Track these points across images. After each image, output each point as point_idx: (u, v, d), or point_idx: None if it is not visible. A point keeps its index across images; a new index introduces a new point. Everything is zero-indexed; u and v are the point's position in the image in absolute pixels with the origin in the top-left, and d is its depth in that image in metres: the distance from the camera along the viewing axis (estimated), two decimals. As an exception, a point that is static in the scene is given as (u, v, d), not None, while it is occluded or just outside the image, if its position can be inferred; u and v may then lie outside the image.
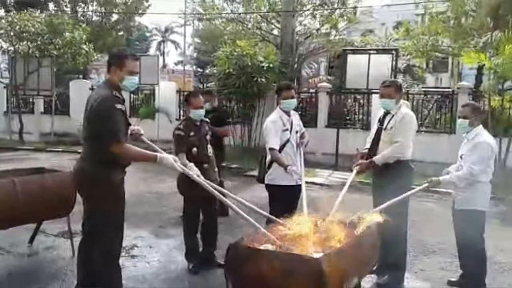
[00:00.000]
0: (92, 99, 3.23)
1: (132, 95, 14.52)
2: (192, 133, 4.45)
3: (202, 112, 4.56)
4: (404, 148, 4.04)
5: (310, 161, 10.04)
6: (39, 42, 13.28)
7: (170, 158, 3.31)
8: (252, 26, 15.70)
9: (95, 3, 19.62)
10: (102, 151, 3.15)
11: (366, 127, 11.27)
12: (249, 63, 11.46)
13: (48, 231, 5.29)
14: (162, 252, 5.07)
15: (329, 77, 21.48)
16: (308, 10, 14.15)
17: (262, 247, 2.83)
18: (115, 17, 19.70)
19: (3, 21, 13.37)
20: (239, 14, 14.81)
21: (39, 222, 4.89)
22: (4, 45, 14.54)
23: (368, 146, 4.33)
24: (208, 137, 4.62)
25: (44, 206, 4.52)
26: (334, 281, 2.65)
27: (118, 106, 3.20)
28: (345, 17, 15.29)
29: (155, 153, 3.31)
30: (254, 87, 11.42)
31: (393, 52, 11.25)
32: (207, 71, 35.12)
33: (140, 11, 19.25)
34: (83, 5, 19.71)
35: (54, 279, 4.21)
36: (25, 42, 13.39)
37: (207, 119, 4.78)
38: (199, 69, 37.63)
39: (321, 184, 9.28)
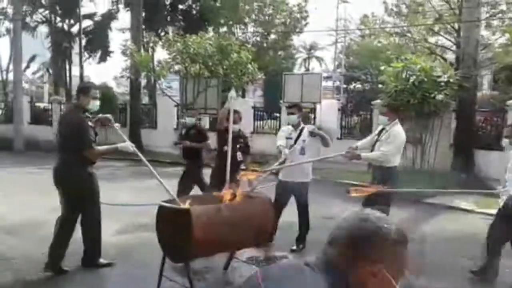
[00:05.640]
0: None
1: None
2: None
3: None
4: (384, 157, 4.97)
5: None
6: (209, 63, 13.96)
7: (128, 145, 4.41)
8: (418, 39, 14.58)
9: (253, 24, 20.30)
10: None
11: None
12: (425, 79, 10.42)
13: (237, 256, 5.08)
14: None
15: (493, 92, 19.13)
16: (491, 18, 12.56)
17: None
18: (272, 36, 20.08)
19: (178, 44, 14.29)
20: (407, 26, 13.76)
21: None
22: (176, 67, 15.72)
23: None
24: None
25: (247, 233, 4.32)
26: None
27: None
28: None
29: (115, 145, 4.46)
30: (430, 104, 10.34)
31: None
32: (351, 86, 34.37)
33: (297, 30, 19.34)
34: (242, 26, 20.54)
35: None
36: (196, 63, 14.20)
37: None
38: (343, 85, 36.80)
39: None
